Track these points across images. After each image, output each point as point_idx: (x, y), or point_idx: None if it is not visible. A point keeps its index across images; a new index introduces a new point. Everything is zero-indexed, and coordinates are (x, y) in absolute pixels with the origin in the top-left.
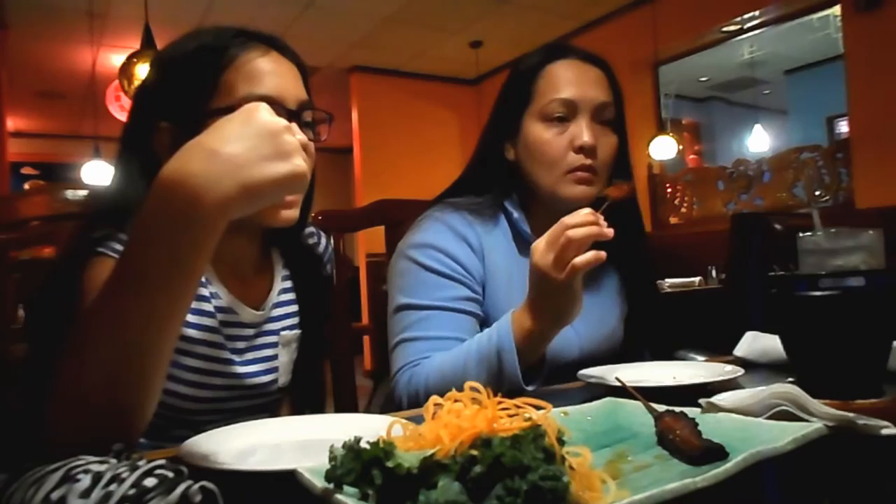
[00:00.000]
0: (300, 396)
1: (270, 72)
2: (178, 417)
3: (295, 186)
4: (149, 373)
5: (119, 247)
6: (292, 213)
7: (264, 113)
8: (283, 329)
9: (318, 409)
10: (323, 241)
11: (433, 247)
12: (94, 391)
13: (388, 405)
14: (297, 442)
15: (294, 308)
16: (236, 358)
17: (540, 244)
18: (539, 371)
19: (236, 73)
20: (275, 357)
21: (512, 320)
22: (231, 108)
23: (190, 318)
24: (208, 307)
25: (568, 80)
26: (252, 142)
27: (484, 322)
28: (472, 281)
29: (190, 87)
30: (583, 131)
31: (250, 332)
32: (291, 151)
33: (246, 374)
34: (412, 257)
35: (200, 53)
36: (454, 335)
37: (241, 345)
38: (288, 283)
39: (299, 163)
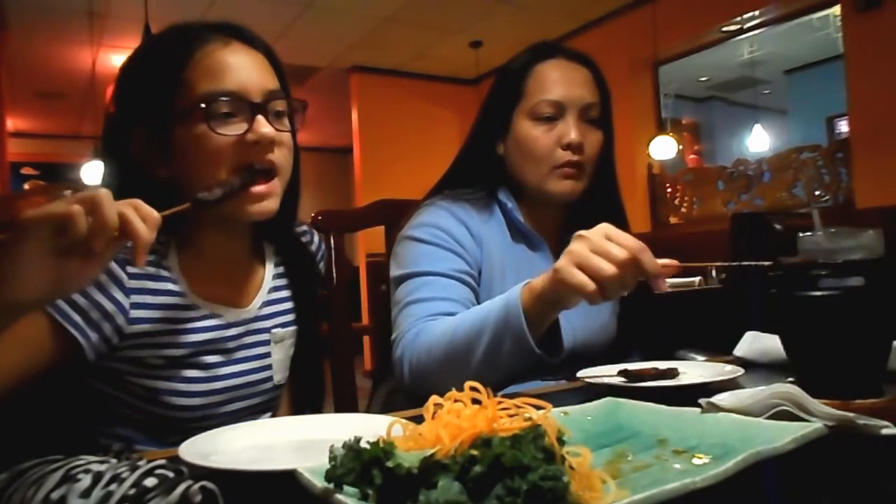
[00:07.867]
0: (299, 393)
1: (231, 65)
2: (175, 426)
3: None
4: None
5: None
6: (266, 206)
7: None
8: (275, 326)
9: (318, 406)
10: (315, 239)
11: (434, 225)
12: None
13: (388, 405)
14: (297, 442)
15: (288, 305)
16: (224, 359)
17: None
18: (557, 346)
19: (196, 70)
20: (267, 355)
21: (524, 283)
22: (193, 108)
23: (168, 339)
24: (188, 325)
25: (556, 81)
26: None
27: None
28: (471, 260)
29: (152, 88)
30: (570, 130)
31: (236, 331)
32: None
33: (235, 374)
34: (413, 236)
35: (158, 54)
36: (457, 298)
37: (230, 345)
38: (280, 282)
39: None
